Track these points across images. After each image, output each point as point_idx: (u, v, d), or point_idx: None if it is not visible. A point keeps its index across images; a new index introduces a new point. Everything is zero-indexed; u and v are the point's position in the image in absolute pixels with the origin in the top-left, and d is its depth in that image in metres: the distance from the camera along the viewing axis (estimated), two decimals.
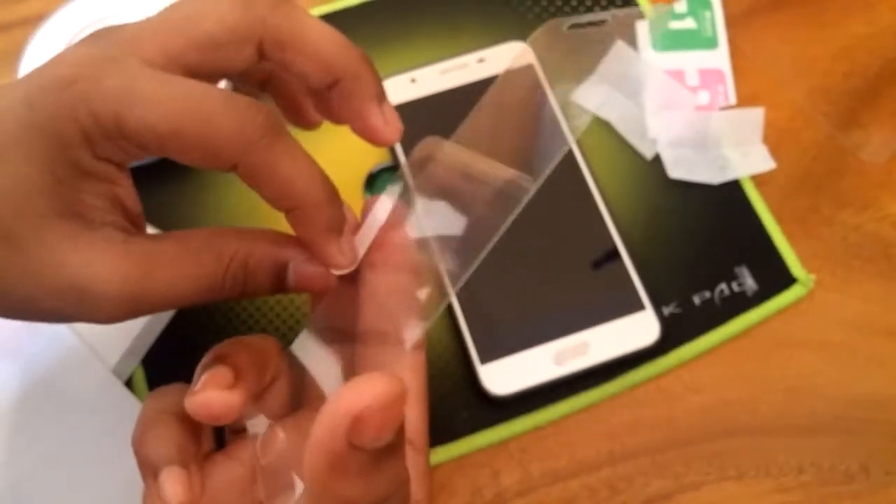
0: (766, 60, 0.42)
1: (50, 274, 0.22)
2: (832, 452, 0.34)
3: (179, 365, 0.26)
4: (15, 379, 0.33)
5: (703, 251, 0.37)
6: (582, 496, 0.33)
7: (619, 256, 0.36)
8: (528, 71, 0.31)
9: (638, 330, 0.35)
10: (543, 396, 0.34)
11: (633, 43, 0.41)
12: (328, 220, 0.24)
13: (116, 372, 0.34)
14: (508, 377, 0.34)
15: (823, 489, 0.33)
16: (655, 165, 0.39)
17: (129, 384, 0.35)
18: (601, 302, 0.35)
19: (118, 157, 0.23)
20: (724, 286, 0.37)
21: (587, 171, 0.38)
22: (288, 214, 0.24)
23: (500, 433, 0.34)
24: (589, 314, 0.35)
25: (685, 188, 0.38)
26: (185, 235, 0.24)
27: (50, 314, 0.23)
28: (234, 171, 0.22)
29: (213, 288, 0.24)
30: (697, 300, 0.36)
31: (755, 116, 0.39)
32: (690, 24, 0.42)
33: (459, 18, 0.43)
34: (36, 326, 0.33)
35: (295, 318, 0.37)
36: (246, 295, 0.25)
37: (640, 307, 0.35)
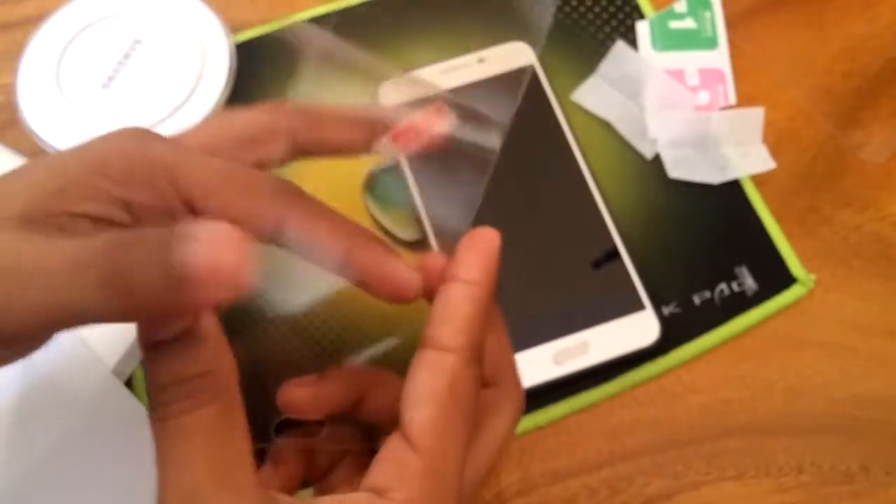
0: (766, 60, 0.42)
1: None
2: (832, 452, 0.34)
3: None
4: (15, 379, 0.33)
5: (703, 251, 0.37)
6: (582, 496, 0.33)
7: (619, 256, 0.36)
8: None
9: (638, 330, 0.35)
10: (543, 396, 0.34)
11: (633, 43, 0.41)
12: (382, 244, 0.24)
13: (116, 372, 0.34)
14: None
15: (823, 489, 0.33)
16: (655, 165, 0.39)
17: (129, 384, 0.35)
18: (601, 302, 0.35)
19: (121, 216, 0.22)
20: (724, 286, 0.37)
21: (587, 171, 0.38)
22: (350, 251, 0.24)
23: None
24: (589, 314, 0.35)
25: (685, 188, 0.38)
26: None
27: None
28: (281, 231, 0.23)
29: None
30: (697, 300, 0.36)
31: (755, 116, 0.39)
32: (690, 24, 0.42)
33: (459, 18, 0.43)
34: None
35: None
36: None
37: (640, 307, 0.35)
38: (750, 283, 0.37)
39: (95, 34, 0.40)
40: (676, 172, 0.38)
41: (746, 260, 0.37)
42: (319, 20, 0.42)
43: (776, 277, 0.37)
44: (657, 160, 0.39)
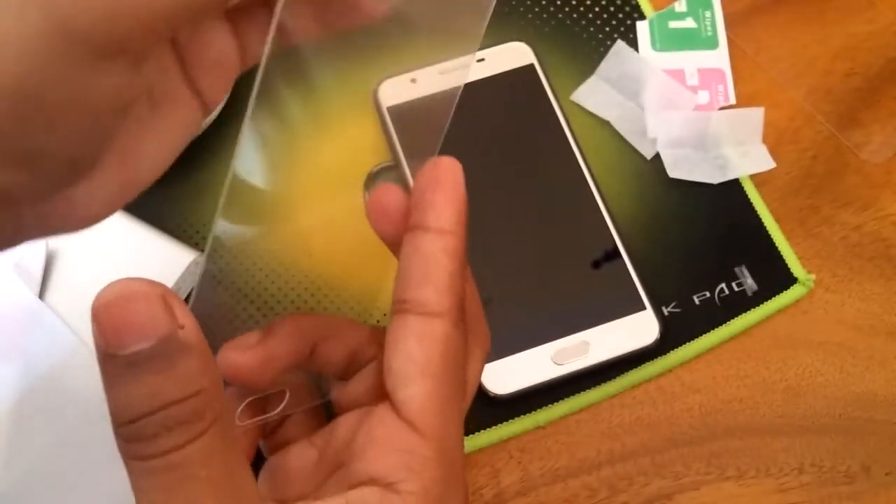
0: (766, 60, 0.42)
1: None
2: (832, 452, 0.34)
3: None
4: (15, 379, 0.33)
5: (703, 251, 0.37)
6: (582, 496, 0.33)
7: (619, 256, 0.36)
8: None
9: (638, 330, 0.35)
10: (543, 396, 0.34)
11: (632, 43, 0.41)
12: None
13: None
14: (508, 377, 0.34)
15: (823, 489, 0.33)
16: (655, 165, 0.39)
17: None
18: (601, 302, 0.35)
19: None
20: (724, 286, 0.37)
21: (587, 171, 0.38)
22: None
23: (499, 433, 0.34)
24: (589, 314, 0.35)
25: (685, 188, 0.38)
26: None
27: None
28: None
29: None
30: (697, 300, 0.36)
31: (755, 116, 0.39)
32: (690, 23, 0.42)
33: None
34: (36, 326, 0.33)
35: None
36: None
37: (640, 307, 0.35)
38: (750, 283, 0.37)
39: None
40: (676, 172, 0.38)
41: (746, 260, 0.37)
42: None
43: (776, 277, 0.37)
44: (657, 160, 0.39)
